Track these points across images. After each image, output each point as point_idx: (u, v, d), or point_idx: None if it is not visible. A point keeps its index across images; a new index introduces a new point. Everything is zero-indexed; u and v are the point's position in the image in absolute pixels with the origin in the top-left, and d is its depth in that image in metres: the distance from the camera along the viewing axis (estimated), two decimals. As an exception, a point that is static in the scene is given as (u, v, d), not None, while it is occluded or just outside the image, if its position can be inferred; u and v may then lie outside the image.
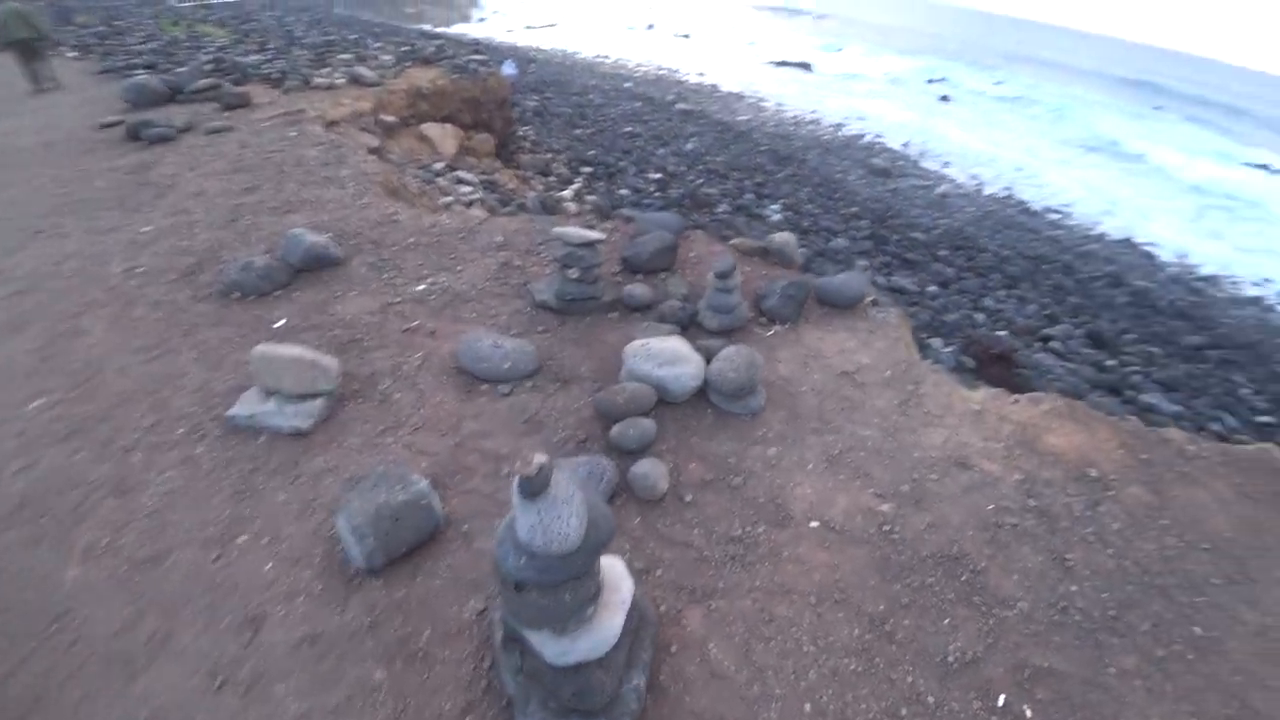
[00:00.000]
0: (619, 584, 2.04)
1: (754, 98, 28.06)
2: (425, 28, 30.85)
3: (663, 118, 20.90)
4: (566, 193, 12.17)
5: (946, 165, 21.86)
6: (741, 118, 23.71)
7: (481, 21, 42.63)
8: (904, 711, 2.35)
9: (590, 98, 21.76)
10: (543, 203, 10.63)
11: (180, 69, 10.19)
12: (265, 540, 2.82)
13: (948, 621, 2.67)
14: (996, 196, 19.33)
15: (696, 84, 29.54)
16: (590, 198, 12.45)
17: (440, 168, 9.17)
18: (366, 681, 2.32)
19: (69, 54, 13.27)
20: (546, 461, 1.66)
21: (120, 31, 16.22)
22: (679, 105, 23.38)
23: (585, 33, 40.80)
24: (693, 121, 21.09)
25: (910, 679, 2.45)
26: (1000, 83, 40.30)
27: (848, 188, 16.95)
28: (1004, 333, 10.08)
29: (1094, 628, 2.70)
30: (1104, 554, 3.04)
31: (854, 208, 15.11)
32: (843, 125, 25.14)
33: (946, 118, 29.57)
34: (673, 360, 3.72)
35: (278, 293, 4.68)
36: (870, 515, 3.12)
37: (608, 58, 33.43)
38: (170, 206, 5.98)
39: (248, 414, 3.41)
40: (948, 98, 34.16)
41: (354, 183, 6.53)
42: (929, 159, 22.35)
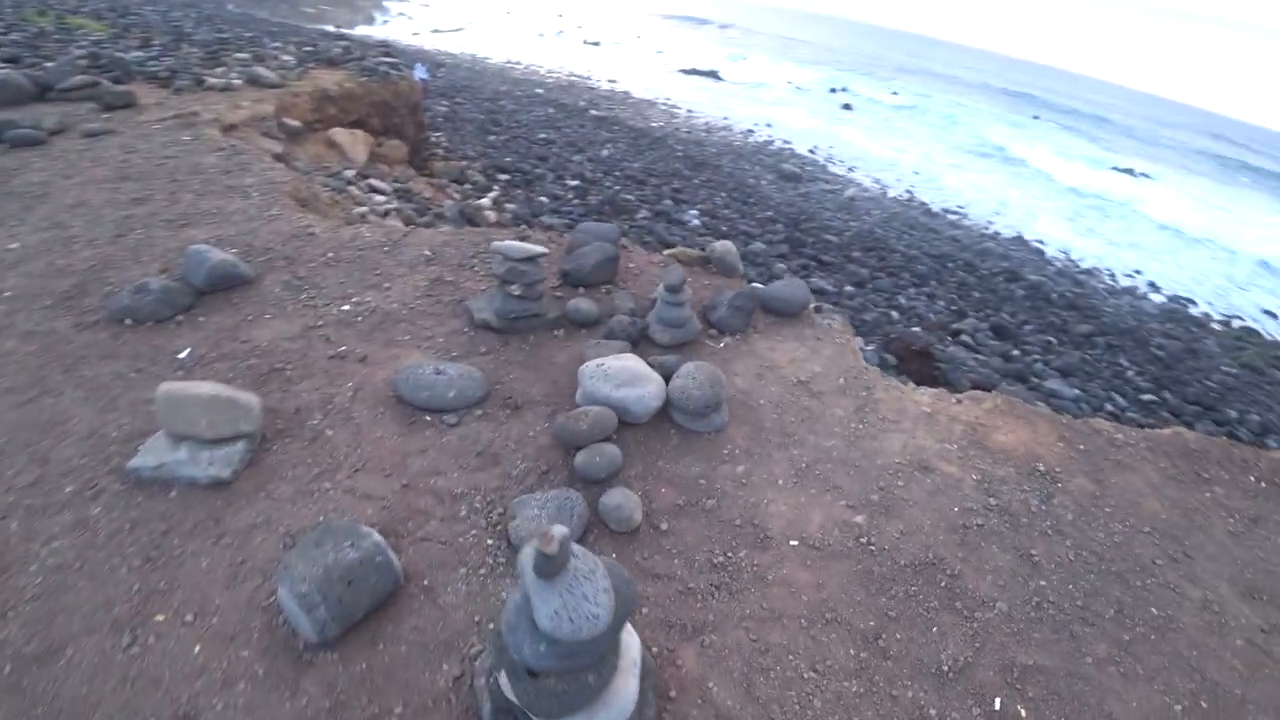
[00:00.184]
0: (628, 644, 1.86)
1: (666, 104, 28.37)
2: (328, 28, 29.07)
3: (577, 124, 20.68)
4: (485, 201, 11.74)
5: (852, 170, 22.97)
6: (655, 124, 23.87)
7: (386, 24, 40.76)
8: (908, 731, 2.31)
9: (503, 104, 21.20)
10: (462, 211, 10.17)
11: (49, 64, 8.92)
12: (189, 617, 2.41)
13: (935, 630, 2.67)
14: (900, 199, 20.48)
15: (609, 91, 29.52)
16: (510, 206, 12.09)
17: (351, 175, 8.56)
18: (329, 775, 2.02)
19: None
20: (567, 534, 1.44)
21: (-30, 20, 14.13)
22: (593, 111, 23.25)
23: (494, 38, 39.90)
24: (607, 128, 21.00)
25: (911, 694, 2.42)
26: (896, 93, 42.95)
27: (761, 192, 17.37)
28: (918, 329, 10.60)
29: (1067, 620, 2.79)
30: (1063, 546, 3.16)
31: (769, 212, 15.48)
32: (752, 132, 25.87)
33: (849, 125, 31.16)
34: (632, 380, 3.57)
35: (179, 318, 4.14)
36: (846, 528, 3.10)
37: (519, 63, 32.81)
38: (42, 220, 5.19)
39: (154, 464, 2.95)
40: (850, 106, 35.97)
41: (259, 192, 5.94)
42: (835, 164, 23.39)
